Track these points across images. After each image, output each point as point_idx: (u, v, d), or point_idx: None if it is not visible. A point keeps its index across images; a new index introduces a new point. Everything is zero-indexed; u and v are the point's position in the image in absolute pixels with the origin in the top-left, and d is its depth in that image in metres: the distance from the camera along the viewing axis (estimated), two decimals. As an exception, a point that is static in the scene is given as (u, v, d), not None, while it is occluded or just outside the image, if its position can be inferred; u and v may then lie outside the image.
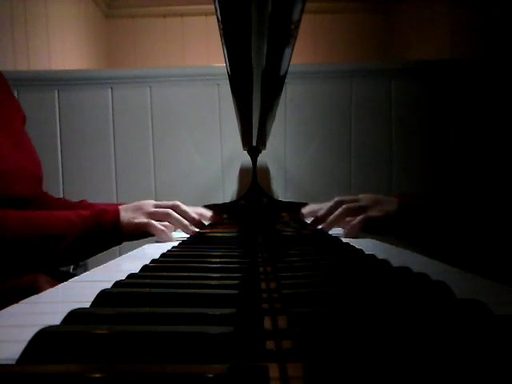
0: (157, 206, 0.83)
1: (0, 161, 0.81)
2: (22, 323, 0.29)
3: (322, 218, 0.81)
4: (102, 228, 0.78)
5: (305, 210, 0.91)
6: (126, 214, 0.80)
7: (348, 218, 0.79)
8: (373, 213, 0.76)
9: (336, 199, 0.81)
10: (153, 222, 0.79)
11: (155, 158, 1.46)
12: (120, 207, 0.82)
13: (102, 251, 0.82)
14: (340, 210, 0.78)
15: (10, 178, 0.82)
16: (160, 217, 0.82)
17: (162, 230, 0.79)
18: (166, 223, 0.82)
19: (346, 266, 0.42)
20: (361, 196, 0.81)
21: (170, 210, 0.82)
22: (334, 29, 2.70)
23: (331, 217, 0.79)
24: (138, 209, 0.82)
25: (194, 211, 0.86)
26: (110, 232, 0.78)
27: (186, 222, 0.82)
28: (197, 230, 0.84)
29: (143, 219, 0.80)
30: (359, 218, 0.76)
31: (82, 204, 1.00)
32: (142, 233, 0.81)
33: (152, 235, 0.81)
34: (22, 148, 0.90)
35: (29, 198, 0.87)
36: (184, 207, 0.84)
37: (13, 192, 0.83)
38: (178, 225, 0.83)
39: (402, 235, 0.76)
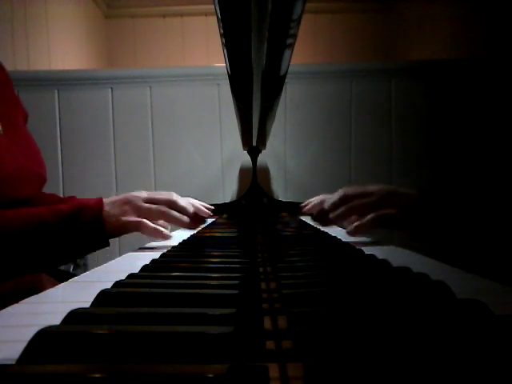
0: (149, 201, 0.72)
1: (3, 164, 0.79)
2: (22, 323, 0.29)
3: (325, 213, 0.70)
4: (80, 227, 0.65)
5: (309, 206, 0.89)
6: (113, 210, 0.69)
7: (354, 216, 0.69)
8: (386, 210, 0.65)
9: (341, 192, 0.69)
10: (145, 221, 0.69)
11: (155, 158, 1.46)
12: (104, 200, 0.70)
13: (85, 254, 0.72)
14: (345, 207, 0.67)
15: (12, 180, 0.79)
16: (154, 215, 0.71)
17: (156, 230, 0.70)
18: (160, 221, 0.74)
19: (346, 266, 0.42)
20: (372, 188, 0.68)
21: (166, 209, 0.72)
22: (334, 29, 2.70)
23: (334, 214, 0.68)
24: (126, 203, 0.70)
25: (191, 204, 0.79)
26: (90, 231, 0.66)
27: (185, 218, 0.74)
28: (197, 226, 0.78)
29: (133, 217, 0.69)
30: (368, 217, 0.65)
31: (71, 200, 0.96)
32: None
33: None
34: (25, 148, 0.88)
35: (31, 198, 0.86)
36: (182, 203, 0.75)
37: (15, 194, 0.81)
38: (176, 222, 0.74)
39: (418, 231, 0.66)
